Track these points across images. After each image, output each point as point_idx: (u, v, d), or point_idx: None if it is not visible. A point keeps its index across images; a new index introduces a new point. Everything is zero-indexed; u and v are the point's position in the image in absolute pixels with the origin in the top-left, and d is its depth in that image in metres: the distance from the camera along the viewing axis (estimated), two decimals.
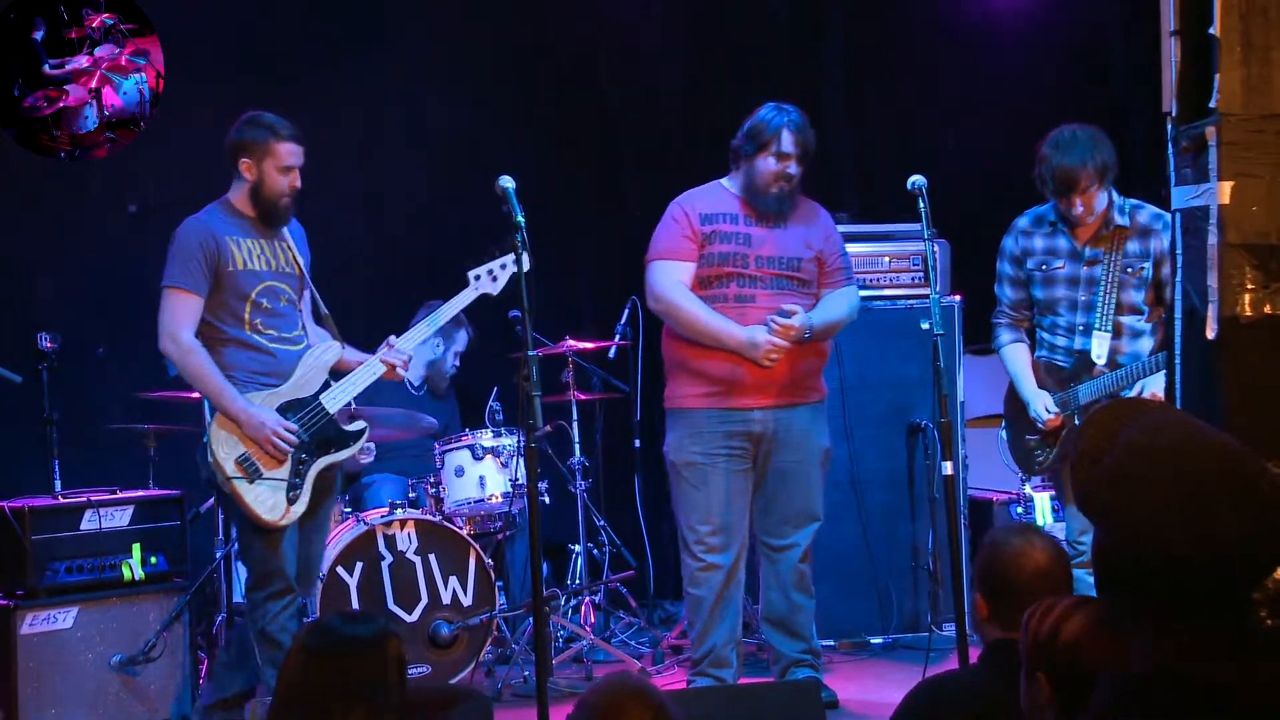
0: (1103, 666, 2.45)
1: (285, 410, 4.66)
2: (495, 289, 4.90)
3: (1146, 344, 4.87)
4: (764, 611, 5.20)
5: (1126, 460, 1.81)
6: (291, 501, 4.65)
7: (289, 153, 4.70)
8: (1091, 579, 1.91)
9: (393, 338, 4.88)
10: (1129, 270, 4.82)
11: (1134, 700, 1.78)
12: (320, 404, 4.75)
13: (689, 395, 5.02)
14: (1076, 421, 4.88)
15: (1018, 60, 7.40)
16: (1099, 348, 4.84)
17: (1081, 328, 4.89)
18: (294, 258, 4.83)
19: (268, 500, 4.60)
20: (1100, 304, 4.84)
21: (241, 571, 5.70)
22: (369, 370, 4.84)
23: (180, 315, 4.60)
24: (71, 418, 5.52)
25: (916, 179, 4.72)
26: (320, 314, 4.92)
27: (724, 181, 5.12)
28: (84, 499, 5.20)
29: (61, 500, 5.18)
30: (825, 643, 6.20)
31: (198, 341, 4.60)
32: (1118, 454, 1.82)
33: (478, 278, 4.89)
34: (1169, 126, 3.36)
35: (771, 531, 5.09)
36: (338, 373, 4.86)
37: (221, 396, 4.57)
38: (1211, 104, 3.18)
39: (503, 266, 4.86)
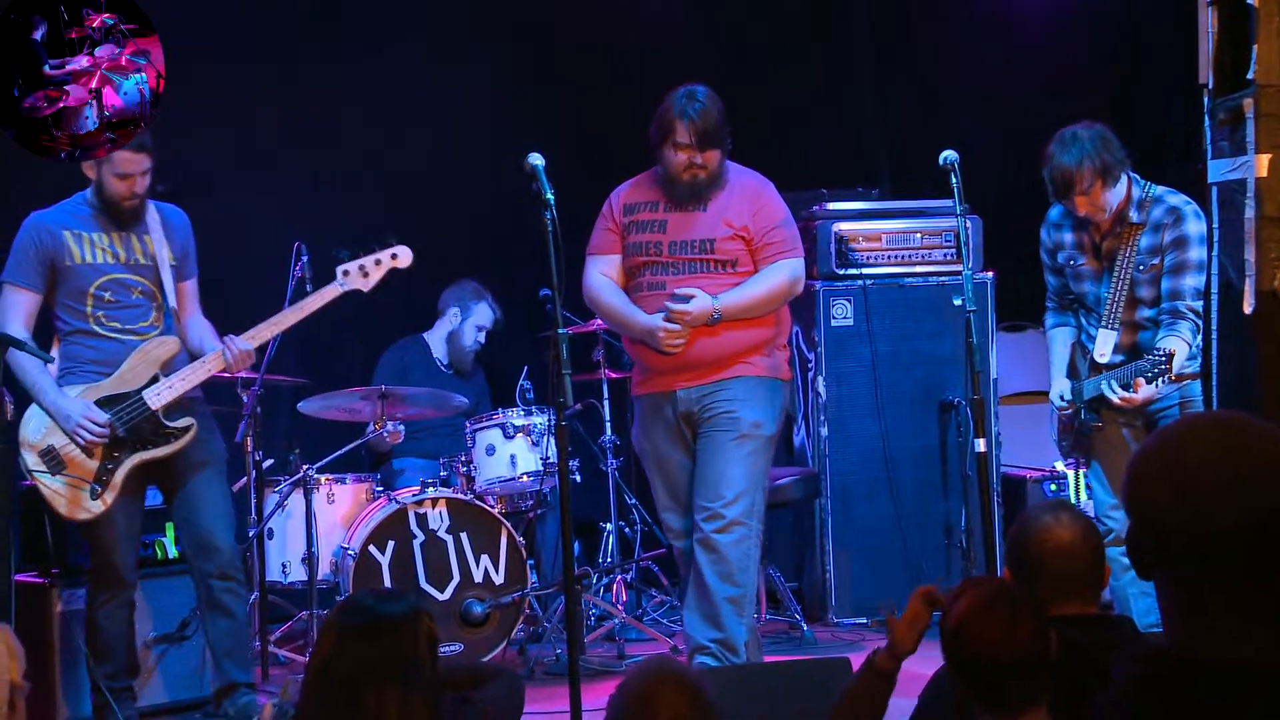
0: (987, 650, 2.43)
1: (103, 404, 4.69)
2: (366, 285, 4.85)
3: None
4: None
5: (1149, 440, 1.81)
6: (95, 496, 4.69)
7: (124, 160, 4.71)
8: (1122, 558, 1.89)
9: (230, 335, 4.79)
10: (1141, 268, 4.76)
11: (1149, 681, 1.76)
12: (142, 399, 4.71)
13: (636, 384, 4.99)
14: (1084, 415, 4.86)
15: (1050, 33, 7.33)
16: (1103, 345, 4.79)
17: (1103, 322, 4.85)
18: (152, 251, 4.84)
19: (66, 494, 4.67)
20: (1109, 301, 4.79)
21: (271, 550, 5.77)
22: (202, 366, 4.78)
23: (11, 311, 4.71)
24: None
25: (948, 154, 4.67)
26: (168, 307, 4.86)
27: (659, 168, 4.97)
28: None
29: None
30: (857, 620, 6.20)
31: (26, 335, 4.66)
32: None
33: (346, 273, 4.83)
34: (1205, 99, 3.32)
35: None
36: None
37: (35, 390, 4.68)
38: (1249, 75, 3.15)
39: (376, 263, 4.84)
